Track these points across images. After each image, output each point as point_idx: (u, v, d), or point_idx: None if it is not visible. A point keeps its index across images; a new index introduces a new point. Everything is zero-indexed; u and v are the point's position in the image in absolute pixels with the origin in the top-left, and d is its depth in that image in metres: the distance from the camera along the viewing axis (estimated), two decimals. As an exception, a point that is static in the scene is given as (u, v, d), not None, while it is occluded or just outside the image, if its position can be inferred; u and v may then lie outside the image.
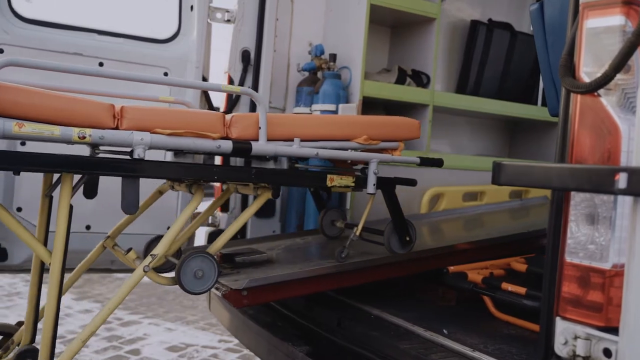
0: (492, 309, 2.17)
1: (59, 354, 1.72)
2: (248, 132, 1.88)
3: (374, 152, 2.20)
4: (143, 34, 3.00)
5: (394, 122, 2.26)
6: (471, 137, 4.16)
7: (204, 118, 1.84)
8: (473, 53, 3.91)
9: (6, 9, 2.73)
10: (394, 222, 2.27)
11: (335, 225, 2.70)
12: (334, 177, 2.06)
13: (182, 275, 1.79)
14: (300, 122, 2.06)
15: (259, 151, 1.88)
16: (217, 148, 1.82)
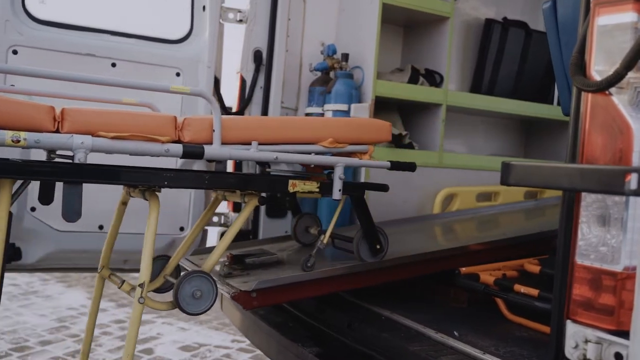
0: (505, 311, 2.15)
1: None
2: (202, 135, 1.81)
3: (341, 156, 2.11)
4: (155, 34, 3.02)
5: (363, 124, 2.19)
6: (486, 137, 4.11)
7: (153, 121, 1.76)
8: (487, 52, 3.87)
9: (20, 11, 2.75)
10: (364, 230, 2.18)
11: (309, 232, 2.58)
12: (296, 182, 1.98)
13: (180, 296, 1.76)
14: (258, 124, 2.00)
15: (212, 155, 1.80)
16: (165, 152, 1.75)
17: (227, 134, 1.84)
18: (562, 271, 1.29)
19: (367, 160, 2.15)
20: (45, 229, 2.84)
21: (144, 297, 1.75)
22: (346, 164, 2.05)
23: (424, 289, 2.52)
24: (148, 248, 1.79)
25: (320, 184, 2.02)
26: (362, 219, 2.17)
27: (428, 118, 3.49)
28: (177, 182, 1.81)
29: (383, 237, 2.21)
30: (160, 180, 1.78)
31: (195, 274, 1.79)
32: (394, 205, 3.23)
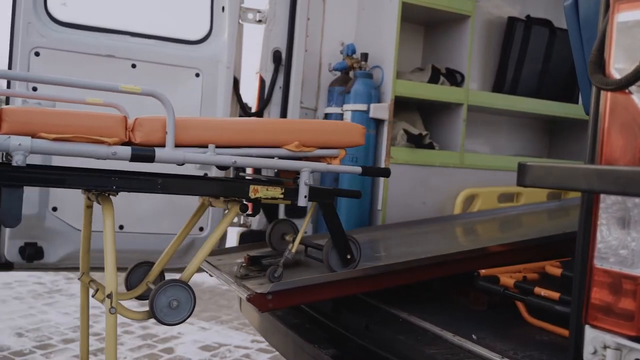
0: (525, 314, 2.11)
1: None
2: (154, 137, 1.72)
3: (309, 160, 2.02)
4: (175, 35, 3.03)
5: (333, 127, 2.09)
6: (508, 136, 4.06)
7: (101, 121, 1.67)
8: (510, 51, 3.82)
9: (42, 13, 2.79)
10: (334, 239, 2.06)
11: (285, 239, 2.45)
12: (258, 187, 1.87)
13: (156, 306, 1.70)
14: (217, 126, 1.88)
15: (164, 158, 1.71)
16: (112, 155, 1.65)
17: (182, 135, 1.75)
18: (581, 275, 1.26)
19: (336, 165, 2.03)
20: (67, 228, 2.87)
21: (114, 308, 1.69)
22: (312, 169, 1.94)
23: (443, 291, 2.49)
24: (109, 256, 1.71)
25: (285, 189, 1.92)
26: (332, 227, 2.04)
27: (449, 118, 3.46)
28: (127, 185, 1.72)
29: (355, 246, 2.10)
30: (108, 184, 1.69)
31: (171, 283, 1.73)
32: (413, 206, 3.21)
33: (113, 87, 1.69)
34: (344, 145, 2.05)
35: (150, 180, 1.75)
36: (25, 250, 2.82)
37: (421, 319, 2.08)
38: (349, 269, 2.05)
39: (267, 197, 1.88)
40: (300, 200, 1.92)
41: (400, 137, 3.20)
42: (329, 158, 2.02)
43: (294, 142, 1.92)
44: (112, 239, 1.73)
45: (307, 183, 1.92)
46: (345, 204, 3.16)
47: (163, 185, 1.75)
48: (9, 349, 3.70)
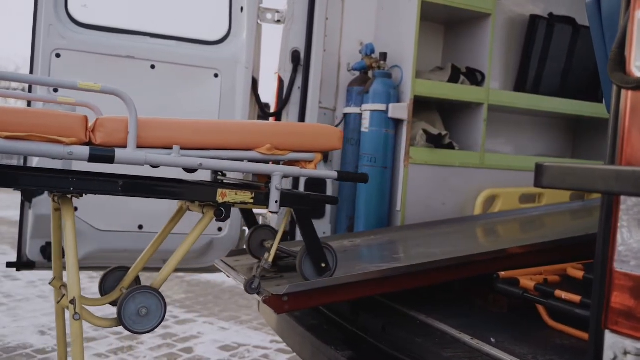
0: (546, 318, 2.07)
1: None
2: (116, 137, 1.66)
3: (281, 165, 1.95)
4: (194, 36, 3.04)
5: (308, 130, 2.01)
6: (531, 136, 4.00)
7: (59, 120, 1.60)
8: (532, 49, 3.76)
9: (63, 15, 2.82)
10: (308, 246, 1.96)
11: (264, 245, 2.36)
12: (226, 191, 1.79)
13: (124, 313, 1.66)
14: (183, 126, 1.79)
15: (124, 159, 1.64)
16: (68, 155, 1.58)
17: (146, 136, 1.69)
18: (600, 278, 1.23)
19: (310, 169, 1.94)
20: (88, 228, 2.90)
21: (79, 314, 1.64)
22: (284, 173, 1.86)
23: (462, 293, 2.46)
24: (71, 261, 1.66)
25: (255, 194, 1.83)
26: (306, 234, 1.95)
27: (469, 117, 3.42)
28: (86, 187, 1.65)
29: (331, 254, 2.00)
30: (65, 185, 1.62)
31: (140, 290, 1.68)
32: (432, 207, 3.18)
33: (71, 84, 1.63)
34: (320, 149, 1.97)
35: (110, 182, 1.68)
36: (47, 249, 2.86)
37: (439, 321, 2.06)
38: (323, 278, 1.96)
39: (236, 201, 1.80)
40: (271, 206, 1.83)
41: (420, 137, 3.18)
42: (304, 162, 1.94)
43: (266, 144, 1.86)
44: (73, 242, 1.67)
45: (279, 188, 1.84)
46: (364, 204, 3.14)
47: (124, 187, 1.67)
48: (32, 346, 3.75)
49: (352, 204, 3.26)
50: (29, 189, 1.64)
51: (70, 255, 1.67)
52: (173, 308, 4.93)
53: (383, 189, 3.13)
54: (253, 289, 1.94)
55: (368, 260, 2.45)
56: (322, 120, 3.32)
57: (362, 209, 3.16)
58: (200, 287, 5.74)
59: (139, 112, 2.91)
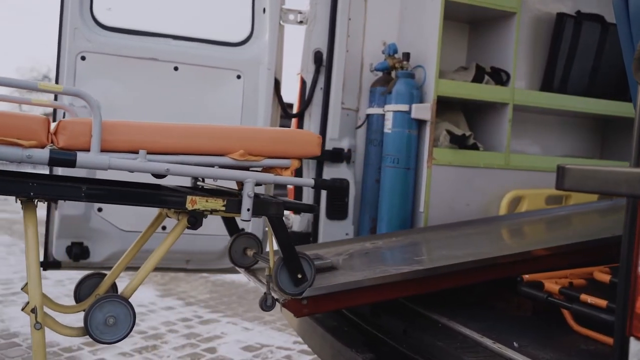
0: (571, 322, 2.02)
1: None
2: (81, 141, 1.59)
3: (255, 171, 1.89)
4: (217, 37, 3.06)
5: (284, 135, 1.91)
6: (558, 137, 3.93)
7: (18, 121, 1.53)
8: (559, 48, 3.69)
9: (89, 18, 2.85)
10: (284, 256, 1.86)
11: (247, 254, 2.28)
12: (196, 198, 1.71)
13: (91, 323, 1.60)
14: (150, 130, 1.71)
15: (86, 163, 1.58)
16: (27, 158, 1.52)
17: (111, 140, 1.63)
18: (625, 283, 1.19)
19: (286, 176, 1.87)
20: (112, 229, 2.93)
21: (40, 323, 1.58)
22: (257, 180, 1.79)
23: (485, 295, 2.42)
24: (33, 268, 1.60)
25: (227, 201, 1.75)
26: (281, 244, 1.85)
27: (494, 118, 3.37)
28: (48, 192, 1.58)
29: (307, 264, 1.90)
30: (24, 190, 1.55)
31: (107, 299, 1.62)
32: (456, 208, 3.14)
33: (31, 85, 1.57)
34: (297, 156, 1.89)
35: (73, 187, 1.60)
36: (72, 249, 2.90)
37: (461, 325, 2.03)
38: (300, 289, 1.89)
39: (206, 209, 1.72)
40: (244, 214, 1.75)
41: (443, 138, 3.14)
42: (279, 169, 1.87)
43: (239, 150, 1.78)
44: (35, 249, 1.61)
45: (251, 195, 1.75)
46: (387, 206, 3.12)
47: (88, 193, 1.60)
48: (58, 345, 3.80)
49: (375, 206, 3.24)
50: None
51: (32, 263, 1.60)
52: (197, 308, 4.96)
53: (406, 190, 3.10)
54: (268, 307, 1.93)
55: (389, 263, 2.43)
56: (344, 120, 3.30)
57: (384, 210, 3.14)
58: (224, 287, 5.77)
59: (162, 114, 2.96)
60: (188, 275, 6.03)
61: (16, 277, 5.67)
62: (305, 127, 3.29)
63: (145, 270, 1.74)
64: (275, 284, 1.88)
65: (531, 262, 2.28)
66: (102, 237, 2.93)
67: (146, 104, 2.92)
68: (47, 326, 1.63)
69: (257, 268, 2.35)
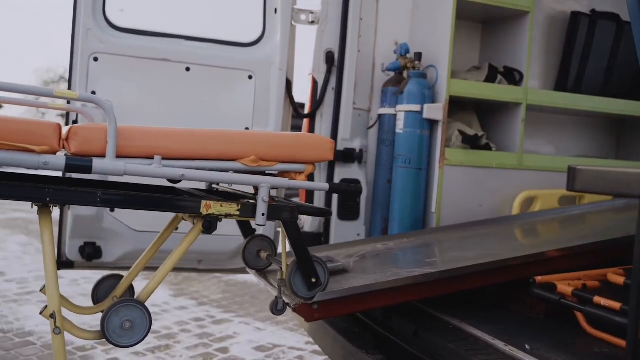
0: (584, 324, 2.00)
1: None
2: (93, 146, 1.60)
3: (270, 176, 1.88)
4: (228, 38, 3.06)
5: (297, 140, 1.91)
6: (572, 137, 3.89)
7: (30, 128, 1.54)
8: (574, 47, 3.65)
9: (101, 20, 2.87)
10: (298, 260, 1.86)
11: (260, 256, 2.29)
12: (210, 203, 1.71)
13: (108, 327, 1.61)
14: (165, 136, 1.72)
15: (102, 169, 1.59)
16: (43, 164, 1.53)
17: (127, 145, 1.64)
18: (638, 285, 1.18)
19: (300, 181, 1.86)
20: (124, 229, 2.95)
21: (59, 328, 1.60)
22: (272, 185, 1.78)
23: (498, 297, 2.40)
24: (50, 273, 1.61)
25: (241, 206, 1.75)
26: (296, 248, 1.85)
27: (507, 118, 3.35)
28: (63, 198, 1.59)
29: (322, 269, 1.90)
30: (41, 196, 1.56)
31: (124, 304, 1.63)
32: (468, 209, 3.12)
33: (47, 92, 1.58)
34: (310, 160, 1.90)
35: (89, 192, 1.61)
36: (85, 249, 2.92)
37: (473, 326, 2.02)
38: (314, 293, 1.88)
39: (221, 213, 1.72)
40: (259, 219, 1.75)
41: (456, 138, 3.12)
42: (293, 174, 1.87)
43: (251, 155, 1.79)
44: (52, 252, 1.62)
45: (265, 200, 1.75)
46: (399, 206, 3.11)
47: (104, 198, 1.61)
48: (72, 343, 3.83)
49: (387, 206, 3.23)
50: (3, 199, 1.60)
51: (49, 268, 1.62)
52: (210, 308, 4.97)
53: (418, 191, 3.09)
54: (279, 311, 1.92)
55: (400, 265, 2.41)
56: (356, 121, 3.30)
57: (396, 211, 3.12)
58: (237, 287, 5.78)
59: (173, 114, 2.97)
60: (201, 275, 6.05)
61: (31, 276, 5.72)
62: (316, 128, 3.29)
63: (162, 274, 1.74)
64: (289, 288, 1.88)
65: (544, 263, 2.26)
66: (114, 237, 2.95)
67: (158, 104, 2.93)
68: (65, 330, 1.65)
69: (268, 270, 2.35)
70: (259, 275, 2.28)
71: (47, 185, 1.58)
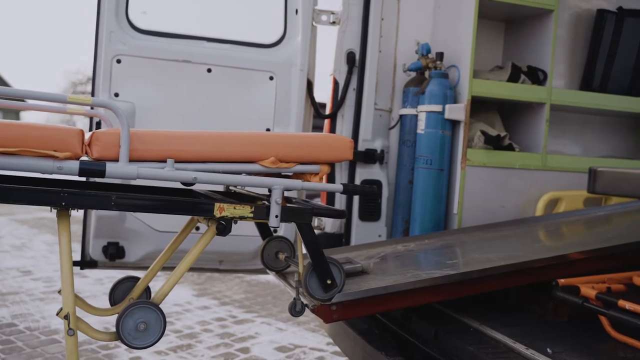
0: (608, 328, 1.96)
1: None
2: (112, 151, 1.62)
3: (284, 178, 1.87)
4: (249, 39, 3.07)
5: (315, 140, 1.88)
6: (598, 137, 3.82)
7: (54, 135, 1.56)
8: (600, 45, 3.59)
9: (124, 22, 2.90)
10: (313, 262, 1.84)
11: (278, 257, 2.27)
12: (224, 206, 1.71)
13: (123, 329, 1.63)
14: (178, 139, 1.72)
15: (115, 173, 1.61)
16: (58, 169, 1.56)
17: (141, 149, 1.66)
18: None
19: (314, 182, 1.85)
20: (147, 229, 2.97)
21: (72, 329, 1.61)
22: (285, 187, 1.77)
23: (520, 300, 2.37)
24: (66, 275, 1.63)
25: (254, 208, 1.75)
26: (310, 249, 1.83)
27: (530, 118, 3.30)
28: (78, 202, 1.60)
29: (338, 270, 1.88)
30: (56, 200, 1.58)
31: (138, 306, 1.65)
32: (491, 210, 3.08)
33: (60, 98, 1.61)
34: (329, 160, 1.89)
35: (104, 196, 1.62)
36: (108, 249, 2.95)
37: (493, 329, 1.99)
38: (329, 295, 1.87)
39: (234, 216, 1.72)
40: (272, 220, 1.75)
41: (478, 139, 3.09)
42: (309, 175, 1.87)
43: (270, 157, 1.78)
44: (69, 255, 1.64)
45: (279, 202, 1.74)
46: (420, 207, 3.09)
47: (118, 202, 1.62)
48: (96, 342, 3.88)
49: (408, 207, 3.21)
50: (18, 204, 1.62)
51: (65, 270, 1.64)
52: (232, 308, 5.00)
53: (439, 192, 3.07)
54: (297, 312, 1.92)
55: (421, 266, 2.39)
56: (377, 121, 3.28)
57: (417, 212, 3.10)
58: (259, 287, 5.81)
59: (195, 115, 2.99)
60: (223, 275, 6.08)
61: (57, 275, 5.81)
62: (337, 128, 3.28)
63: (176, 275, 1.75)
64: (305, 290, 1.87)
65: (567, 266, 2.22)
66: (137, 238, 2.98)
67: (180, 105, 2.95)
68: (81, 331, 1.67)
69: (288, 271, 2.35)
70: (279, 276, 2.28)
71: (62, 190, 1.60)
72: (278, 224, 1.76)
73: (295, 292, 1.94)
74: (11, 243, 7.57)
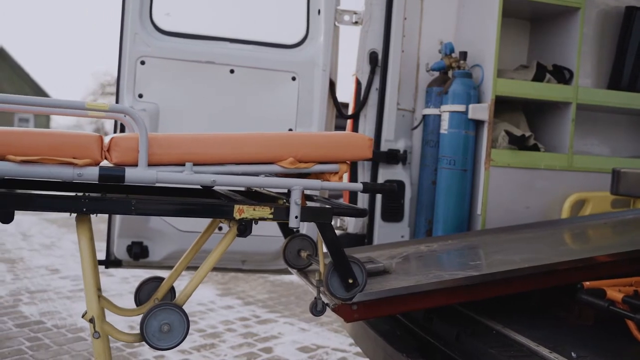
0: (635, 332, 1.92)
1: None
2: (131, 156, 1.62)
3: (303, 178, 1.86)
4: (272, 40, 3.08)
5: (333, 139, 1.86)
6: (626, 137, 3.73)
7: (73, 141, 1.57)
8: (628, 43, 3.51)
9: (148, 24, 2.93)
10: (334, 261, 1.83)
11: (300, 255, 2.25)
12: (243, 207, 1.70)
13: (147, 330, 1.64)
14: (196, 142, 1.72)
15: (134, 178, 1.61)
16: (78, 176, 1.56)
17: (159, 153, 1.65)
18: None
19: (334, 182, 1.83)
20: (170, 229, 3.00)
21: (98, 332, 1.63)
22: (304, 187, 1.76)
23: (543, 302, 2.33)
24: (88, 279, 1.64)
25: (274, 209, 1.74)
26: (331, 249, 1.83)
27: (556, 117, 3.25)
28: (99, 207, 1.61)
29: (359, 269, 1.87)
30: (78, 206, 1.59)
31: (162, 307, 1.66)
32: (515, 211, 3.04)
33: (79, 104, 1.62)
34: (348, 159, 1.87)
35: (124, 201, 1.64)
36: (132, 248, 2.99)
37: (516, 332, 1.96)
38: (350, 294, 1.86)
39: (254, 217, 1.72)
40: (292, 221, 1.74)
41: (502, 139, 3.05)
42: (328, 175, 1.85)
43: (288, 157, 1.77)
44: (90, 259, 1.65)
45: (298, 202, 1.74)
46: (443, 208, 3.06)
47: (137, 206, 1.63)
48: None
49: (431, 208, 3.18)
50: (41, 211, 1.63)
51: (87, 274, 1.65)
52: (255, 308, 5.02)
53: (462, 192, 3.04)
54: (318, 312, 1.92)
55: (443, 267, 2.37)
56: (400, 121, 3.27)
57: (440, 212, 3.08)
58: (283, 287, 5.82)
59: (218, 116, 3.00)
60: (247, 275, 6.11)
61: (85, 273, 5.90)
62: (360, 128, 3.27)
63: (199, 277, 1.75)
64: (326, 289, 1.86)
65: (593, 268, 2.18)
66: (161, 237, 3.01)
67: (203, 106, 2.97)
68: (106, 332, 1.68)
69: (310, 270, 2.35)
70: (301, 275, 2.28)
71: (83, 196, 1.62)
72: (298, 225, 1.76)
73: (317, 292, 1.93)
74: (40, 242, 7.71)
